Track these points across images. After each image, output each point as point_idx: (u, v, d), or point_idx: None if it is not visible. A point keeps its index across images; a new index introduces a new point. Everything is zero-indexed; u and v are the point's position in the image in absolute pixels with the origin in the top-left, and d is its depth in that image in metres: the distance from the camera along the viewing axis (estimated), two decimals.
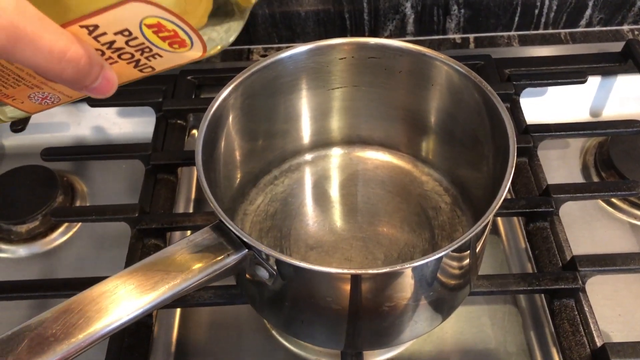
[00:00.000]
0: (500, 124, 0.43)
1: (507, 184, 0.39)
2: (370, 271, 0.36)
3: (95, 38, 0.30)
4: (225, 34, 0.32)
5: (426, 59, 0.48)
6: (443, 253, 0.36)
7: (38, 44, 0.26)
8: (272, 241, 0.51)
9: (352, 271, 0.37)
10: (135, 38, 0.30)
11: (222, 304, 0.49)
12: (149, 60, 0.32)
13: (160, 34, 0.30)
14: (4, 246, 0.60)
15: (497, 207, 0.38)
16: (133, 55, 0.31)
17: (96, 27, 0.29)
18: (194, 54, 0.31)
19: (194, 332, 0.53)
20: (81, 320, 0.33)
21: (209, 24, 0.31)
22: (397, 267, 0.36)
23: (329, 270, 0.36)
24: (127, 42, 0.30)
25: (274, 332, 0.52)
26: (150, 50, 0.31)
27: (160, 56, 0.31)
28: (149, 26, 0.29)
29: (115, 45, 0.30)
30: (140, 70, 0.32)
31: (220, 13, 0.31)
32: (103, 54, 0.31)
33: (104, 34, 0.30)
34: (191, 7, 0.30)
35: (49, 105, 0.34)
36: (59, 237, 0.61)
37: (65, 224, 0.61)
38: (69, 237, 0.61)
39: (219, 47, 0.32)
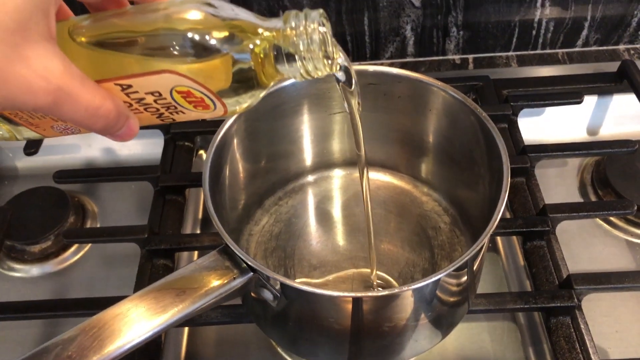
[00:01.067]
0: (495, 148, 0.44)
1: (501, 208, 0.40)
2: (371, 294, 0.38)
3: (126, 94, 0.32)
4: (249, 99, 0.34)
5: (423, 85, 0.49)
6: (440, 275, 0.38)
7: (77, 102, 0.29)
8: (277, 261, 0.53)
9: (353, 294, 0.38)
10: (164, 99, 0.32)
11: (229, 323, 0.51)
12: (172, 115, 0.34)
13: (188, 99, 0.32)
14: (17, 266, 0.62)
15: (492, 229, 0.40)
16: (158, 110, 0.33)
17: (130, 86, 0.31)
18: (215, 114, 0.34)
19: (202, 350, 0.54)
20: (95, 343, 0.35)
21: (235, 91, 0.33)
22: (396, 290, 0.37)
23: (331, 294, 0.37)
24: (155, 101, 0.32)
25: (279, 350, 0.53)
26: (176, 108, 0.33)
27: (183, 113, 0.33)
28: (179, 92, 0.31)
29: (144, 102, 0.32)
30: (162, 120, 0.34)
31: (244, 84, 0.33)
32: (130, 105, 0.32)
33: (136, 92, 0.32)
34: (215, 76, 0.32)
35: (68, 134, 0.36)
36: (70, 256, 0.63)
37: (77, 244, 0.63)
38: (80, 257, 0.63)
39: (244, 106, 0.34)
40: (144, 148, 0.72)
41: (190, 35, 0.30)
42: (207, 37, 0.30)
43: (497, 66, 0.76)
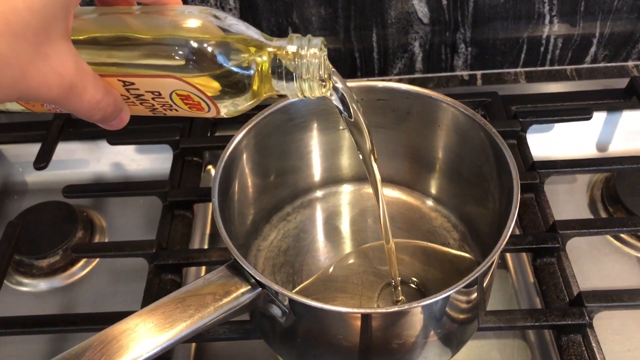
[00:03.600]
0: (504, 164, 0.44)
1: (511, 224, 0.40)
2: (380, 310, 0.37)
3: (127, 89, 0.33)
4: (242, 106, 0.35)
5: (433, 101, 0.49)
6: (451, 292, 0.38)
7: (83, 96, 0.30)
8: (285, 277, 0.53)
9: (362, 310, 0.38)
10: (163, 98, 0.33)
11: (237, 339, 0.51)
12: (165, 111, 0.35)
13: (186, 101, 0.33)
14: (25, 280, 0.62)
15: (503, 245, 0.39)
16: (153, 105, 0.34)
17: (132, 84, 0.33)
18: (207, 115, 0.35)
19: None
20: (103, 358, 0.35)
21: (231, 99, 0.34)
22: (406, 307, 0.37)
23: (340, 310, 0.37)
24: (153, 98, 0.33)
25: None
26: (171, 107, 0.34)
27: (177, 111, 0.35)
28: (179, 95, 0.33)
29: (142, 97, 0.34)
30: (153, 113, 0.36)
31: (241, 94, 0.34)
32: (127, 98, 0.34)
33: (137, 89, 0.33)
34: (216, 85, 0.33)
35: (56, 112, 0.36)
36: (78, 271, 0.63)
37: (85, 259, 0.63)
38: (88, 272, 0.63)
39: (236, 111, 0.36)
40: (152, 163, 0.72)
41: (197, 45, 0.32)
42: (212, 49, 0.32)
43: (506, 82, 0.76)
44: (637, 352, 0.53)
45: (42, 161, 0.65)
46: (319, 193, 0.59)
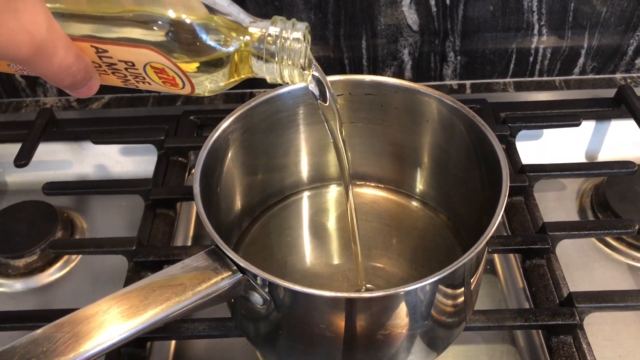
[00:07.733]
0: (491, 153, 0.43)
1: (501, 210, 0.39)
2: (364, 295, 0.36)
3: (99, 57, 0.32)
4: (218, 87, 0.35)
5: (420, 94, 0.49)
6: (436, 278, 0.36)
7: (53, 59, 0.29)
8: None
9: (346, 295, 0.37)
10: (136, 69, 0.33)
11: (217, 337, 0.49)
12: (137, 83, 0.34)
13: (160, 75, 0.33)
14: (0, 280, 0.60)
15: (493, 229, 0.38)
16: (126, 76, 0.34)
17: (105, 51, 0.32)
18: (181, 92, 0.34)
19: None
20: (72, 339, 0.33)
21: (208, 78, 0.34)
22: (391, 291, 0.36)
23: (323, 294, 0.36)
24: (126, 69, 0.33)
25: None
26: (144, 79, 0.33)
27: (150, 84, 0.34)
28: (154, 67, 0.32)
29: (115, 67, 0.33)
30: (125, 85, 0.35)
31: (219, 74, 0.34)
32: (99, 66, 0.33)
33: (110, 57, 0.32)
34: (194, 63, 0.33)
35: (23, 74, 0.35)
36: (56, 272, 0.61)
37: (63, 259, 0.61)
38: (66, 272, 0.61)
39: (211, 90, 0.35)
40: (136, 166, 0.71)
41: (178, 20, 0.31)
42: (192, 24, 0.31)
43: (495, 92, 0.76)
44: (627, 358, 0.51)
45: (23, 158, 0.63)
46: (305, 191, 0.58)
